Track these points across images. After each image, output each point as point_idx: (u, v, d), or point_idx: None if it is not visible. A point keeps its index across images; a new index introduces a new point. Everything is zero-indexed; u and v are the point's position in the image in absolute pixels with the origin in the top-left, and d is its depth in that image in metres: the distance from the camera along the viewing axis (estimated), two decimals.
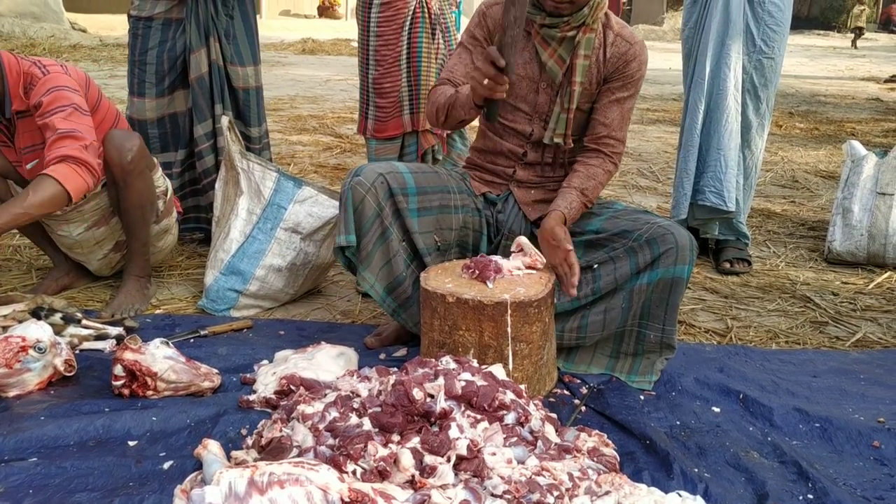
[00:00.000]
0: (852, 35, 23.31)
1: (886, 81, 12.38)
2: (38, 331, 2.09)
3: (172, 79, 3.04)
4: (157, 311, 2.70)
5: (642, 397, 2.19)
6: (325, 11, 22.39)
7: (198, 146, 3.10)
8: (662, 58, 13.65)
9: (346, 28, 18.41)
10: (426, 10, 2.99)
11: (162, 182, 2.75)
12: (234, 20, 3.07)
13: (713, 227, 3.39)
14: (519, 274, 2.15)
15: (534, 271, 2.17)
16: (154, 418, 1.91)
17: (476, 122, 2.51)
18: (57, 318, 2.30)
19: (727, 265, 3.32)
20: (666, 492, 1.66)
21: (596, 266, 2.24)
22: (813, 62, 16.52)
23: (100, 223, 2.71)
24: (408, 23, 2.97)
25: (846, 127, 7.50)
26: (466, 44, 2.35)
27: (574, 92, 2.25)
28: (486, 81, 2.01)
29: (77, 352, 2.26)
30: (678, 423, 2.06)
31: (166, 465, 1.74)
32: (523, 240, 2.22)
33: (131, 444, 1.83)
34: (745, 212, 3.43)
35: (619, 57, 2.26)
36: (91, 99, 2.55)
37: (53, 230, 2.71)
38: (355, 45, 3.21)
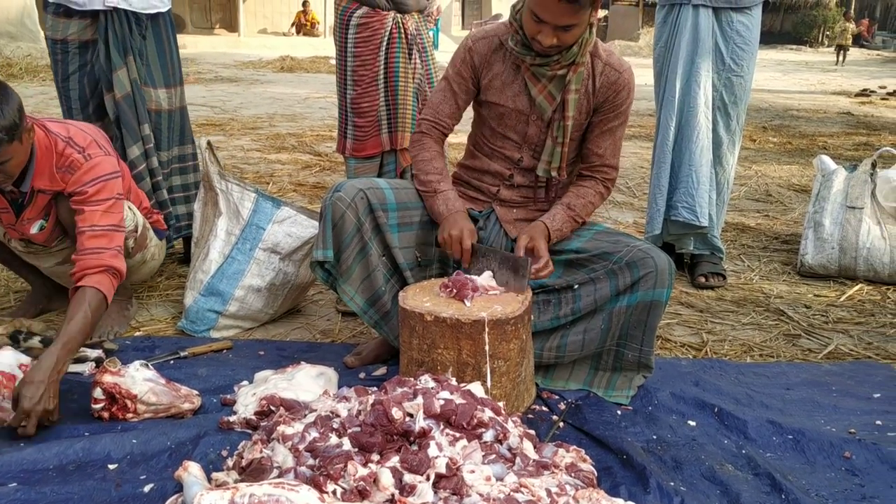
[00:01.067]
0: (836, 52, 22.74)
1: (857, 95, 12.61)
2: (11, 358, 2.06)
3: (96, 104, 2.99)
4: (137, 333, 2.70)
5: (619, 412, 2.22)
6: (301, 29, 22.42)
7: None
8: (638, 73, 13.75)
9: (325, 45, 18.46)
10: (402, 30, 3.03)
11: (130, 221, 2.60)
12: (146, 41, 3.02)
13: (688, 242, 3.45)
14: (496, 292, 2.18)
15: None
16: (134, 441, 1.91)
17: (464, 140, 2.55)
18: (35, 341, 2.30)
19: (702, 279, 3.37)
20: None
21: (576, 286, 2.27)
22: (786, 76, 16.78)
23: (70, 259, 2.57)
24: (384, 43, 3.01)
25: (818, 141, 7.63)
26: (452, 81, 2.35)
27: (567, 127, 2.28)
28: (449, 251, 2.25)
29: None
30: (654, 437, 2.09)
31: (147, 488, 1.74)
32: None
33: (111, 467, 1.83)
34: (718, 227, 3.48)
35: (609, 87, 2.28)
36: (120, 166, 2.51)
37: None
38: (334, 62, 3.24)
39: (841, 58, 22.25)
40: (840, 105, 11.17)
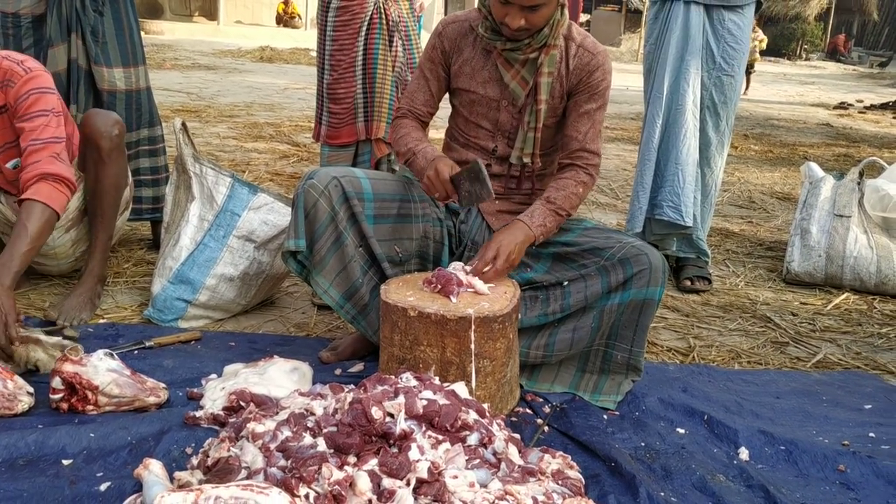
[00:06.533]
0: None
1: (835, 108, 12.70)
2: None
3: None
4: (101, 321, 2.56)
5: (606, 417, 2.14)
6: (281, 20, 22.16)
7: None
8: (620, 78, 13.73)
9: (306, 38, 18.27)
10: (384, 15, 2.93)
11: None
12: (104, 17, 2.91)
13: (670, 243, 3.38)
14: (471, 289, 2.06)
15: (495, 286, 2.09)
16: (91, 435, 1.78)
17: (440, 135, 2.46)
18: None
19: (688, 283, 3.30)
20: None
21: (566, 283, 2.18)
22: (765, 87, 16.86)
23: (75, 222, 2.64)
24: (364, 28, 2.91)
25: (799, 150, 7.63)
26: (423, 67, 2.32)
27: (540, 111, 2.20)
28: (436, 194, 2.15)
29: None
30: (643, 444, 2.00)
31: (103, 487, 1.62)
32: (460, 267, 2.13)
33: (66, 463, 1.70)
34: (705, 229, 3.42)
35: (583, 68, 2.20)
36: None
37: None
38: (314, 54, 3.14)
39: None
40: (819, 116, 11.24)
